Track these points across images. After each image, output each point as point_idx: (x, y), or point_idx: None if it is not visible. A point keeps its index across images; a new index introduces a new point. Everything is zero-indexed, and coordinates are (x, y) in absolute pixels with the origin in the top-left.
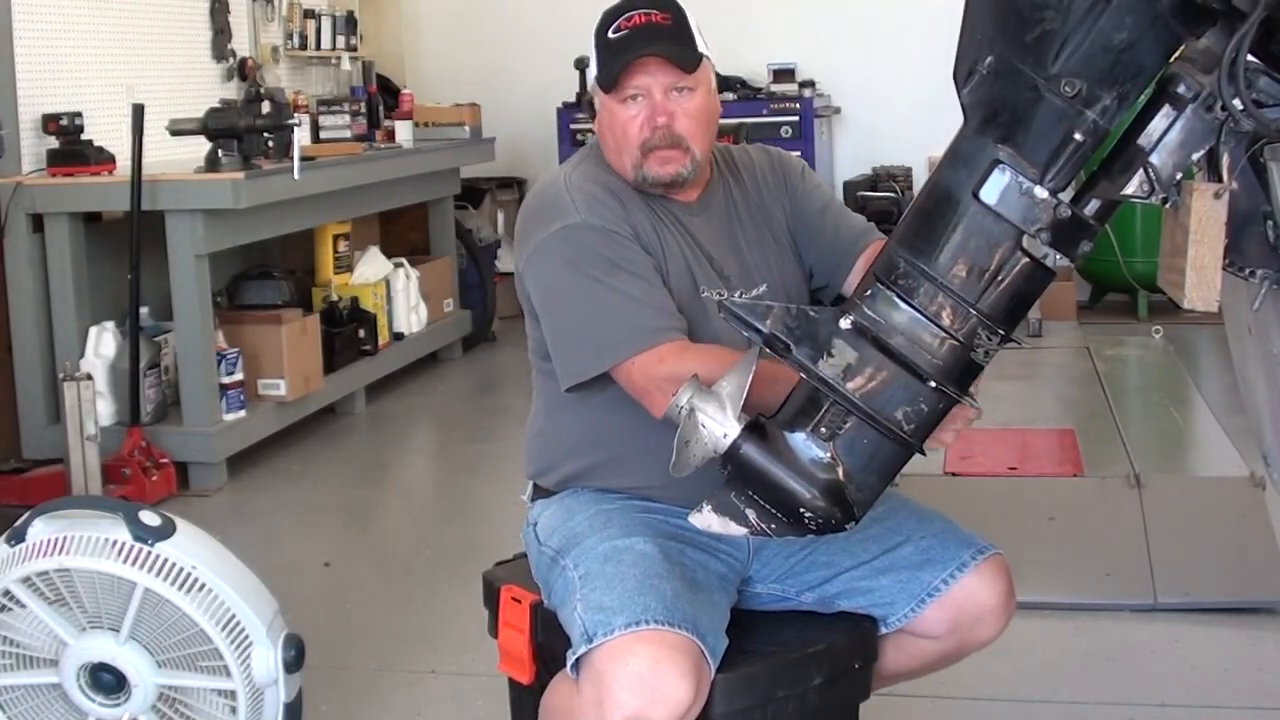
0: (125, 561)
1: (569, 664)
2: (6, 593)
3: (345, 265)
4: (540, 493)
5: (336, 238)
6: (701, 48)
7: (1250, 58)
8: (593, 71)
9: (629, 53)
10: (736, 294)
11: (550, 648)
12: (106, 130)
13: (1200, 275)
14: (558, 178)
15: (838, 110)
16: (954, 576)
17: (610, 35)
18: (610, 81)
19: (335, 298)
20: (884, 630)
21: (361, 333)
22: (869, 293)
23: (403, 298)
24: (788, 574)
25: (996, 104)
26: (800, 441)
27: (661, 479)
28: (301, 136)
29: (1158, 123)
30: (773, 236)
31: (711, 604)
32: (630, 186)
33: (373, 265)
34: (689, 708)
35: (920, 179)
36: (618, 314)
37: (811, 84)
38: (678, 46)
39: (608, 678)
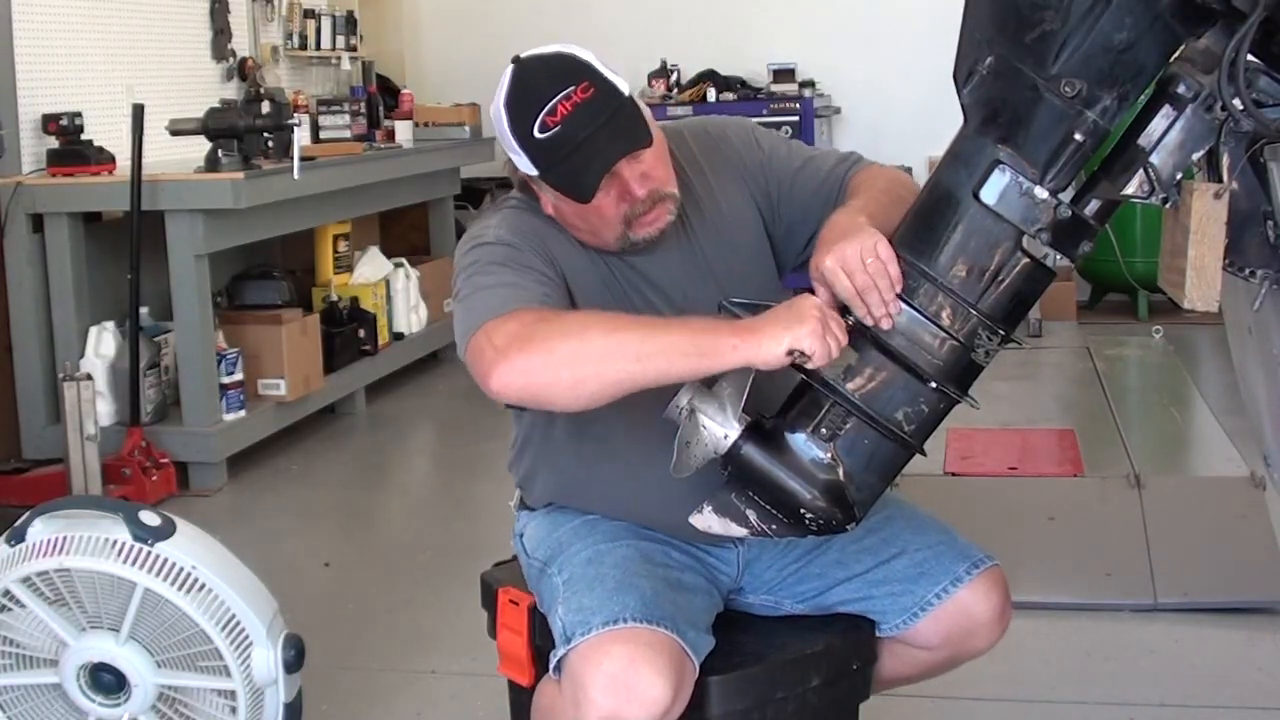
0: (125, 561)
1: (551, 665)
2: (6, 593)
3: (345, 265)
4: (525, 504)
5: (336, 238)
6: (625, 89)
7: (1250, 58)
8: (524, 165)
9: (594, 163)
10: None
11: (548, 650)
12: (106, 130)
13: (1200, 275)
14: (498, 209)
15: (838, 110)
16: (948, 591)
17: (540, 135)
18: (584, 198)
19: (335, 298)
20: (877, 635)
21: (361, 333)
22: None
23: (403, 298)
24: (779, 585)
25: (996, 104)
26: (801, 442)
27: (637, 519)
28: (301, 136)
29: (1158, 123)
30: (731, 231)
31: (693, 604)
32: (581, 246)
33: (373, 265)
34: (668, 707)
35: (920, 179)
36: (483, 299)
37: (811, 84)
38: (627, 124)
39: (584, 678)
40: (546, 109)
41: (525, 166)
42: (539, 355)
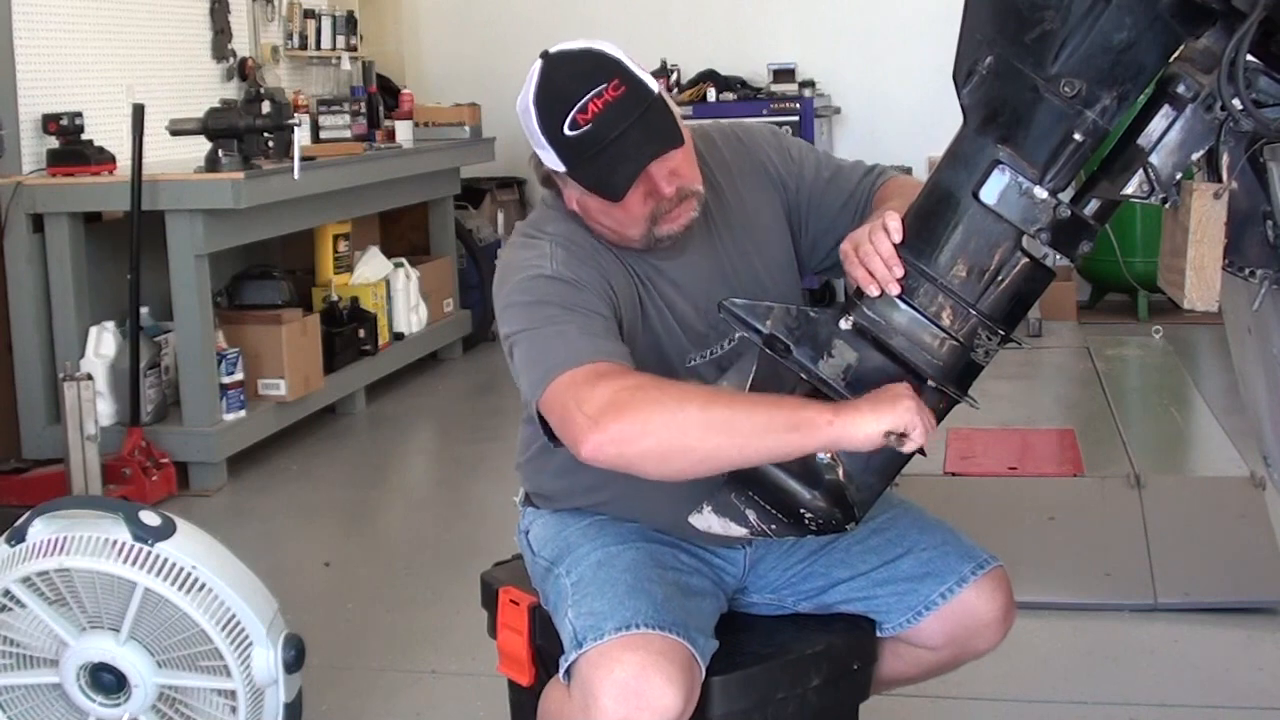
0: (125, 561)
1: (561, 670)
2: (6, 593)
3: (345, 265)
4: (532, 501)
5: (336, 238)
6: (655, 87)
7: (1250, 58)
8: (551, 162)
9: (626, 163)
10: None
11: (549, 650)
12: (106, 130)
13: (1200, 275)
14: (540, 235)
15: (838, 110)
16: (952, 591)
17: (570, 133)
18: (616, 197)
19: (335, 298)
20: (879, 635)
21: (361, 333)
22: None
23: (403, 298)
24: (784, 585)
25: (996, 104)
26: None
27: (643, 521)
28: (301, 136)
29: (1158, 123)
30: (758, 239)
31: (701, 608)
32: (611, 252)
33: (373, 265)
34: (678, 715)
35: (920, 179)
36: (558, 345)
37: (811, 84)
38: (658, 123)
39: (594, 685)
40: (577, 107)
41: (553, 163)
42: (634, 425)
